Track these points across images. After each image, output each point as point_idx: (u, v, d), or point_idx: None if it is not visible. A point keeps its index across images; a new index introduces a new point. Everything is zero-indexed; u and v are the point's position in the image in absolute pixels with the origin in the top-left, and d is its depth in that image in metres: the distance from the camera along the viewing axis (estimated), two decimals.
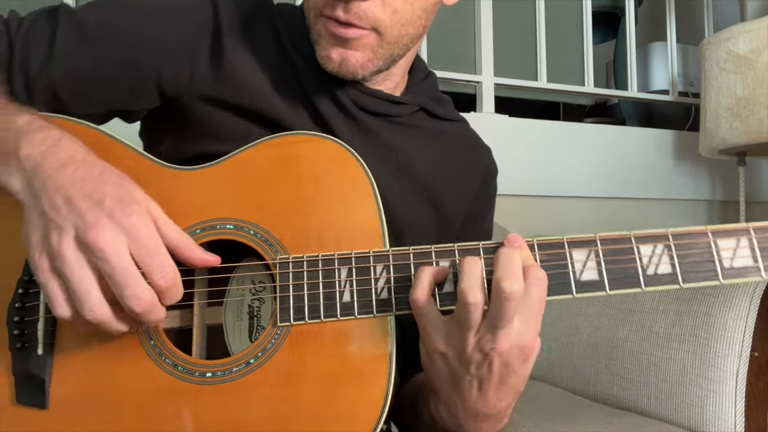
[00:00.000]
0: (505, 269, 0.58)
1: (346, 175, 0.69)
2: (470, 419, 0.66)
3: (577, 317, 1.36)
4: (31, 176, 0.59)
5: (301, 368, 0.63)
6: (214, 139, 0.76)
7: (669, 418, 1.12)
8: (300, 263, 0.65)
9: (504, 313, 0.58)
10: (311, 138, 0.71)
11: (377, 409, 0.62)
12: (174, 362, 0.64)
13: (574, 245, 0.64)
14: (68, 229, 0.56)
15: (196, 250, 0.63)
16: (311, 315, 0.64)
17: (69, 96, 0.75)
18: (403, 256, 0.64)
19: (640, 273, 0.63)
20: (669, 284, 0.63)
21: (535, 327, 0.60)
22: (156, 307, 0.58)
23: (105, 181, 0.59)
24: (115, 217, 0.57)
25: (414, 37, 0.78)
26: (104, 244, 0.55)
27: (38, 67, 0.73)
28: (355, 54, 0.74)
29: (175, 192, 0.68)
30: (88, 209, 0.57)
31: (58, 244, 0.56)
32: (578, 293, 0.63)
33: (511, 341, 0.59)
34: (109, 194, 0.58)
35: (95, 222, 0.56)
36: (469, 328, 0.59)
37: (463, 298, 0.58)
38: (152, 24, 0.76)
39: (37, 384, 0.63)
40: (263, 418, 0.62)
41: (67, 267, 0.56)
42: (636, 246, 0.63)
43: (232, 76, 0.77)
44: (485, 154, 0.96)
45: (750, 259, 0.63)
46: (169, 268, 0.59)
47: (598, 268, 0.63)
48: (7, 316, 0.64)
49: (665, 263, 0.63)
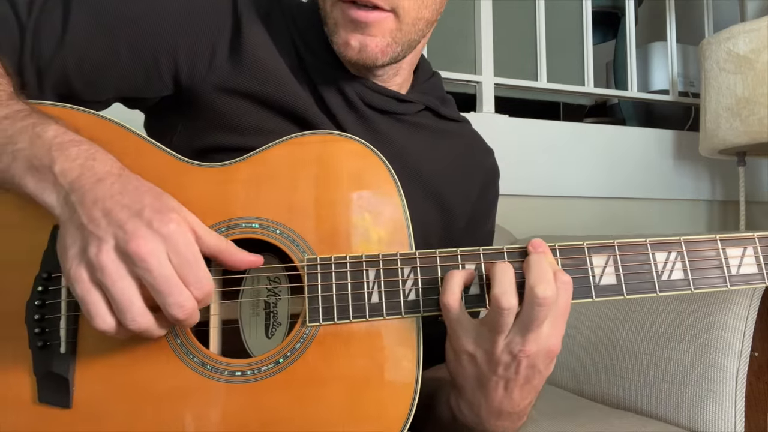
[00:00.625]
0: (538, 275, 0.60)
1: (371, 175, 0.69)
2: (493, 417, 0.68)
3: (577, 317, 1.36)
4: (68, 192, 0.59)
5: (329, 368, 0.64)
6: (229, 131, 0.76)
7: (669, 418, 1.12)
8: (328, 264, 0.65)
9: (536, 317, 0.60)
10: (336, 138, 0.70)
11: (405, 409, 0.63)
12: (202, 361, 0.64)
13: (593, 251, 0.66)
14: (108, 240, 0.56)
15: (238, 254, 0.63)
16: (340, 316, 0.64)
17: (81, 83, 0.74)
18: (430, 258, 0.66)
19: (655, 278, 0.66)
20: (681, 290, 0.66)
21: (561, 330, 0.63)
22: (196, 313, 0.59)
23: (143, 193, 0.59)
24: (154, 227, 0.56)
25: (429, 21, 0.78)
26: (146, 254, 0.55)
27: (51, 54, 0.72)
28: (375, 39, 0.74)
29: (199, 189, 0.68)
30: (127, 219, 0.56)
31: (97, 255, 0.56)
32: (597, 297, 0.65)
33: (539, 344, 0.62)
34: (148, 205, 0.58)
35: (135, 231, 0.56)
36: (501, 332, 0.61)
37: (497, 303, 0.60)
38: (170, 12, 0.76)
39: (61, 383, 0.63)
40: (292, 418, 0.63)
41: (108, 277, 0.55)
42: (651, 253, 0.66)
43: (255, 66, 0.76)
44: (488, 156, 0.96)
45: (755, 267, 0.67)
46: (206, 281, 0.59)
47: (616, 273, 0.65)
48: (26, 314, 0.64)
49: (678, 269, 0.66)
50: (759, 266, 0.67)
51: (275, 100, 0.77)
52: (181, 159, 0.69)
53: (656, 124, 2.39)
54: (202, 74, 0.76)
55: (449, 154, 0.89)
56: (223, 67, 0.76)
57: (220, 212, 0.67)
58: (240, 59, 0.76)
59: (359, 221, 0.67)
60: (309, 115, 0.77)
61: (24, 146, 0.61)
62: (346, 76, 0.81)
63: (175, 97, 0.78)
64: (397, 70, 0.83)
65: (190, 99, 0.77)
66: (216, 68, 0.76)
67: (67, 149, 0.60)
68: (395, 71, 0.83)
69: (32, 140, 0.61)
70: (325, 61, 0.80)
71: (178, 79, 0.76)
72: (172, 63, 0.75)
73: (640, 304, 1.23)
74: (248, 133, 0.75)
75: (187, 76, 0.76)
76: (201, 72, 0.76)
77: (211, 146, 0.75)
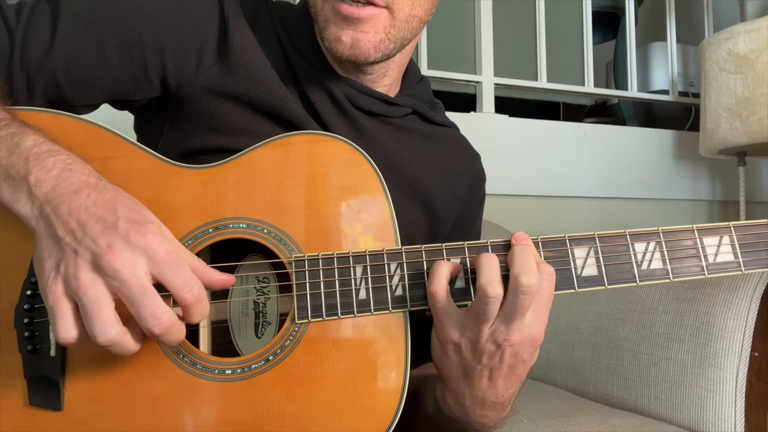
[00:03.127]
0: (521, 265, 0.62)
1: (357, 175, 0.70)
2: (477, 407, 0.69)
3: (577, 317, 1.36)
4: (43, 203, 0.58)
5: (319, 364, 0.65)
6: (215, 132, 0.76)
7: (669, 418, 1.12)
8: (315, 261, 0.66)
9: (520, 305, 0.61)
10: (322, 138, 0.71)
11: (395, 401, 0.64)
12: (193, 360, 0.64)
13: (575, 243, 0.68)
14: (83, 253, 0.55)
15: (213, 273, 0.62)
16: (328, 312, 0.65)
17: (71, 87, 0.75)
18: (416, 254, 0.67)
19: (635, 268, 0.68)
20: (661, 278, 0.69)
21: (544, 320, 0.64)
22: (176, 327, 0.57)
23: (118, 205, 0.58)
24: (130, 239, 0.56)
25: (422, 20, 0.78)
26: (120, 266, 0.55)
27: (40, 58, 0.72)
28: (367, 35, 0.74)
29: (186, 191, 0.68)
30: (101, 232, 0.56)
31: (74, 268, 0.55)
32: (580, 288, 0.67)
33: (522, 333, 0.63)
34: (123, 216, 0.57)
35: (110, 245, 0.55)
36: (486, 320, 0.62)
37: (483, 291, 0.61)
38: (158, 13, 0.76)
39: (51, 386, 0.63)
40: (284, 414, 0.63)
41: (81, 287, 0.55)
42: (631, 243, 0.68)
43: (242, 68, 0.77)
44: (475, 160, 0.97)
45: (731, 255, 0.70)
46: (194, 282, 0.57)
47: (597, 264, 0.68)
48: (15, 318, 0.64)
49: (657, 259, 0.69)
50: (735, 254, 0.70)
51: (261, 102, 0.77)
52: (167, 161, 0.70)
53: (656, 124, 2.39)
54: (190, 76, 0.76)
55: (436, 157, 0.89)
56: (210, 69, 0.77)
57: (208, 213, 0.67)
58: (227, 61, 0.76)
59: (345, 219, 0.68)
60: (295, 117, 0.78)
61: (2, 155, 0.60)
62: (335, 77, 0.81)
63: (163, 99, 0.79)
64: (386, 70, 0.83)
65: (178, 101, 0.78)
66: (203, 70, 0.76)
67: (44, 160, 0.60)
68: (384, 71, 0.83)
69: (10, 150, 0.61)
70: (312, 62, 0.80)
71: (166, 81, 0.77)
72: (160, 65, 0.76)
73: (640, 304, 1.23)
74: (235, 135, 0.76)
75: (174, 78, 0.76)
76: (188, 74, 0.76)
77: (199, 148, 0.75)
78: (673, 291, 1.17)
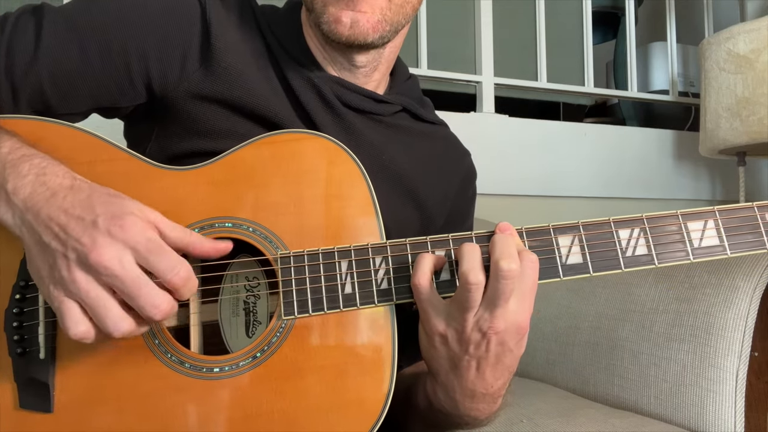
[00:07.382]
0: (502, 251, 0.62)
1: (341, 172, 0.70)
2: (467, 399, 0.69)
3: (577, 317, 1.36)
4: (23, 210, 0.59)
5: (306, 359, 0.65)
6: (202, 136, 0.77)
7: (669, 418, 1.12)
8: (301, 257, 0.67)
9: (502, 291, 0.61)
10: (306, 136, 0.72)
11: (383, 394, 0.64)
12: (180, 359, 0.65)
13: (559, 231, 0.68)
14: (70, 256, 0.57)
15: (206, 242, 0.63)
16: (315, 307, 0.66)
17: (56, 95, 0.75)
18: (400, 247, 0.67)
19: (620, 255, 0.68)
20: (646, 264, 0.68)
21: (529, 307, 0.64)
22: (175, 309, 0.59)
23: (94, 202, 0.59)
24: (112, 234, 0.57)
25: (414, 7, 0.80)
26: (107, 261, 0.56)
27: (25, 68, 0.73)
28: (366, 15, 0.75)
29: (171, 192, 0.69)
30: (83, 231, 0.57)
31: (67, 272, 0.57)
32: (565, 276, 0.67)
33: (507, 320, 0.63)
34: (101, 213, 0.58)
35: (93, 243, 0.56)
36: (469, 308, 0.62)
37: (464, 279, 0.61)
38: (141, 20, 0.76)
39: (41, 388, 0.63)
40: (273, 411, 0.64)
41: (81, 290, 0.56)
42: (615, 230, 0.69)
43: (225, 71, 0.77)
44: (465, 157, 0.98)
45: (716, 239, 0.69)
46: (180, 265, 0.59)
47: (582, 252, 0.68)
48: (5, 321, 0.64)
49: (642, 245, 0.69)
50: (720, 238, 0.69)
51: (245, 104, 0.77)
52: (153, 164, 0.70)
53: (656, 124, 2.39)
54: (174, 81, 0.77)
55: (426, 154, 0.90)
56: (194, 73, 0.77)
57: (194, 213, 0.68)
58: (210, 65, 0.77)
59: (330, 215, 0.69)
60: (280, 118, 0.78)
61: None
62: (323, 75, 0.81)
63: (150, 105, 0.79)
64: (377, 63, 0.84)
65: (164, 106, 0.78)
66: (187, 75, 0.77)
67: (19, 166, 0.61)
68: (375, 64, 0.83)
69: None
70: (300, 61, 0.80)
71: (151, 87, 0.77)
72: (144, 71, 0.76)
73: (640, 304, 1.23)
74: (221, 138, 0.76)
75: (159, 84, 0.77)
76: (173, 79, 0.77)
77: (186, 152, 0.76)
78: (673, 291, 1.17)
